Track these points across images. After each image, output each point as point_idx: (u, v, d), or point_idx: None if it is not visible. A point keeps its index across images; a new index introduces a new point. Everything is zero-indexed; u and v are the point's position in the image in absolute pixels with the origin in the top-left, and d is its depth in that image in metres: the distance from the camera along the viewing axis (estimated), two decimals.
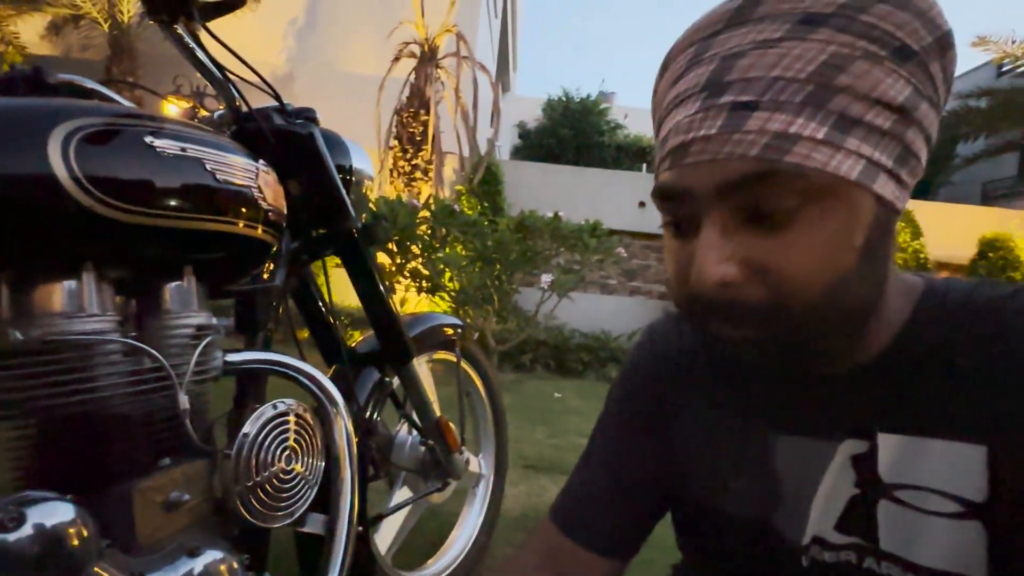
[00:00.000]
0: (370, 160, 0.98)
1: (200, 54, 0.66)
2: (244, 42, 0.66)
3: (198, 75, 0.72)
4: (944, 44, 0.31)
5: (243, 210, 0.60)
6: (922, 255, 6.02)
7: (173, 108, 0.90)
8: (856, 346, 0.36)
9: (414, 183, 5.54)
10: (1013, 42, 6.90)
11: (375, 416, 0.96)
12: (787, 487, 0.39)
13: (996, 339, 0.33)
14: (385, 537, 1.04)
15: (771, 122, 0.30)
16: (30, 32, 6.33)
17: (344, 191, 0.84)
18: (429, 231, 3.48)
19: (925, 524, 0.34)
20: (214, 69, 0.68)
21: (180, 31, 0.63)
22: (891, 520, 0.35)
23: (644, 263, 6.76)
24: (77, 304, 0.49)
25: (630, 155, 13.22)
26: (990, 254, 5.96)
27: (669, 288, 0.37)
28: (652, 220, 6.64)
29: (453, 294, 3.51)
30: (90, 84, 0.74)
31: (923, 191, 12.52)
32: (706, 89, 0.32)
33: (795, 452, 0.39)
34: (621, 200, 6.58)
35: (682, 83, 0.33)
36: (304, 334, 0.95)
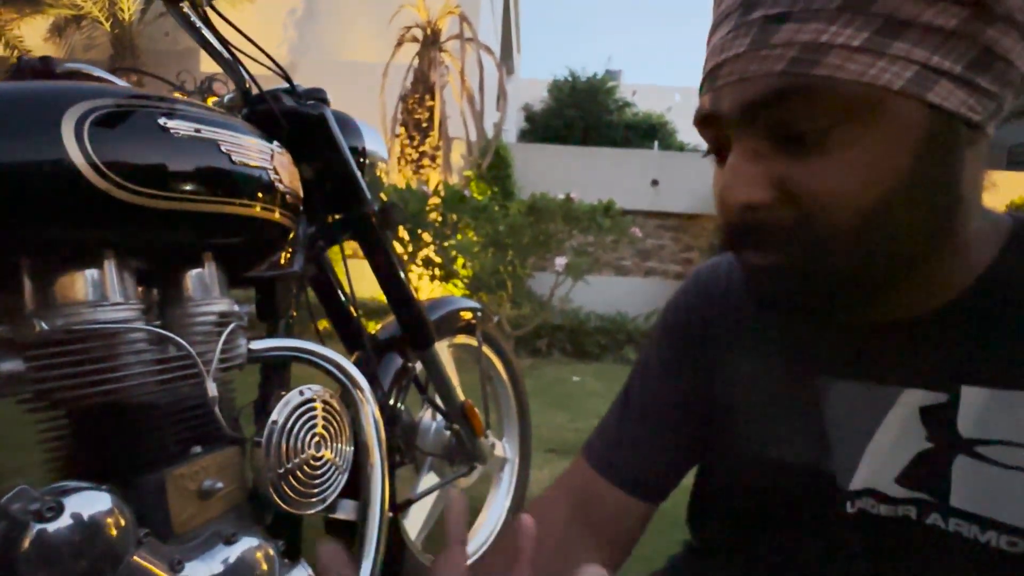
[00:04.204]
0: (383, 142, 0.95)
1: (208, 34, 0.64)
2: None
3: (201, 70, 0.71)
4: None
5: (259, 193, 0.58)
6: None
7: None
8: (930, 286, 0.33)
9: (422, 170, 5.51)
10: None
11: (399, 402, 0.95)
12: (836, 432, 0.37)
13: None
14: (414, 522, 1.04)
15: (800, 33, 0.27)
16: (33, 35, 6.35)
17: (359, 174, 0.82)
18: (440, 218, 3.46)
19: (1012, 480, 0.31)
20: (223, 50, 0.66)
21: (187, 11, 0.61)
22: (968, 476, 0.32)
23: (659, 243, 6.67)
24: (100, 292, 0.48)
25: (639, 133, 12.99)
26: None
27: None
28: (666, 199, 6.54)
29: (466, 281, 3.50)
30: (97, 72, 0.72)
31: None
32: (740, 6, 0.30)
33: (849, 397, 0.37)
34: (633, 179, 6.48)
35: (722, 5, 0.32)
36: (322, 323, 0.94)
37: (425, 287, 3.86)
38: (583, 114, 12.63)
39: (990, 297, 0.33)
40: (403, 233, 3.40)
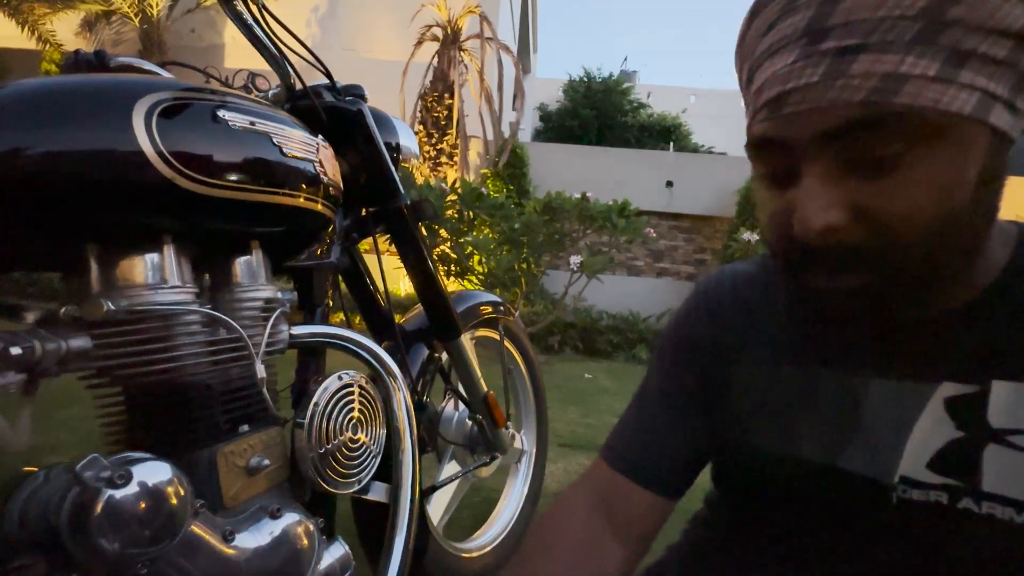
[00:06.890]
0: (415, 138, 0.98)
1: (258, 31, 0.66)
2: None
3: (226, 65, 0.73)
4: None
5: (305, 184, 0.61)
6: None
7: None
8: (953, 287, 0.36)
9: (440, 168, 5.54)
10: None
11: (425, 391, 0.97)
12: (875, 429, 0.39)
13: None
14: (436, 509, 1.06)
15: (879, 64, 0.29)
16: (65, 30, 6.49)
17: (393, 168, 0.85)
18: (457, 215, 3.48)
19: None
20: (271, 47, 0.69)
21: (240, 8, 0.63)
22: (999, 463, 0.34)
23: (672, 244, 6.64)
24: (160, 276, 0.51)
25: (654, 134, 12.93)
26: None
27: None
28: (680, 201, 6.50)
29: (481, 277, 3.52)
30: (148, 66, 0.75)
31: None
32: (805, 36, 0.31)
33: (886, 395, 0.39)
34: (647, 180, 6.45)
35: (775, 31, 0.32)
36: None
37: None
38: (598, 114, 12.59)
39: (1011, 294, 0.35)
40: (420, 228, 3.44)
